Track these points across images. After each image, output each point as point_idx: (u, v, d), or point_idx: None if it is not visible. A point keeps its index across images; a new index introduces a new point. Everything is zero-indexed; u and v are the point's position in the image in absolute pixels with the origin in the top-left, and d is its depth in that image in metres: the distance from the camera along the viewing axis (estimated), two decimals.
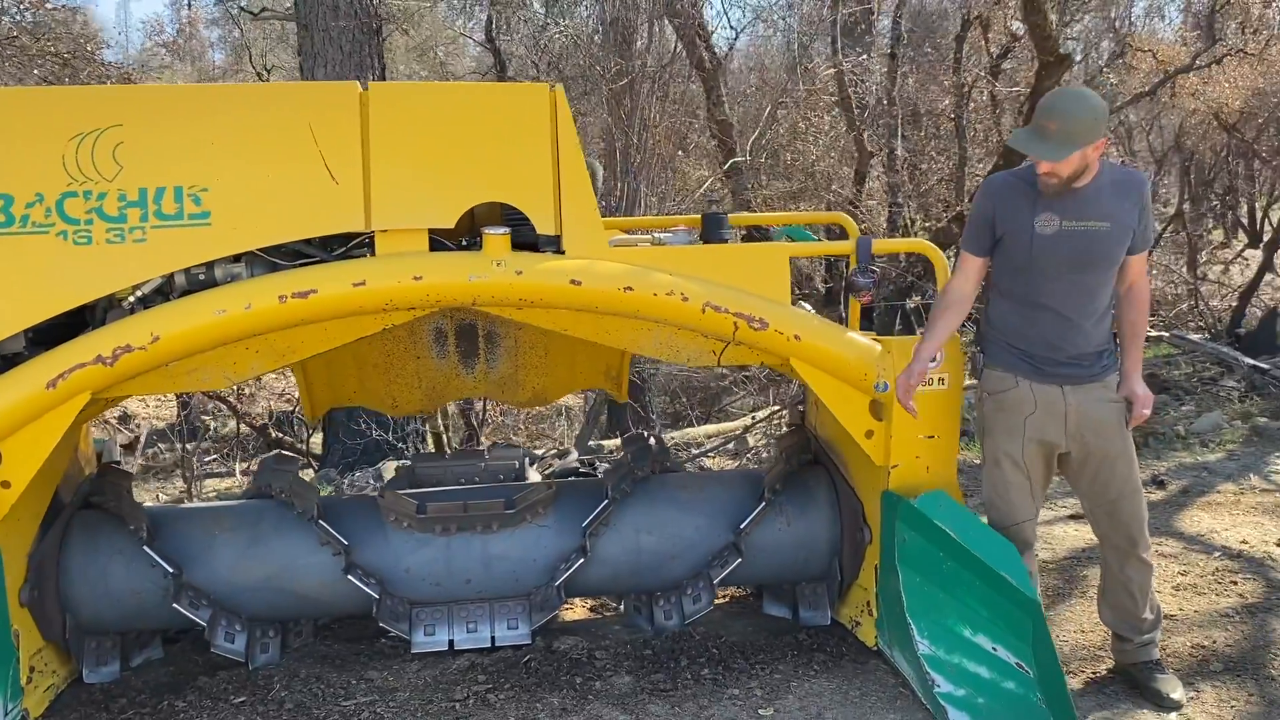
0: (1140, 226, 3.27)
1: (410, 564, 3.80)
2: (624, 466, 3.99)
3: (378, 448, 8.32)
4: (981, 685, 3.25)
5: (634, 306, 3.39)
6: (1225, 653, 3.68)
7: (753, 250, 3.55)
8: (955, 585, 3.35)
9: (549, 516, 3.89)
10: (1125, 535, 3.39)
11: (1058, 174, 3.13)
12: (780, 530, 3.92)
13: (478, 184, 3.39)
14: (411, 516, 3.78)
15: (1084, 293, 3.26)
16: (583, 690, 3.55)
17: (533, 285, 3.34)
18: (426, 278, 3.30)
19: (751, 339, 3.44)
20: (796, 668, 3.67)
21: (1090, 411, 3.31)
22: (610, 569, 3.88)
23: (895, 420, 3.52)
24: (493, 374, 4.90)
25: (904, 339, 3.55)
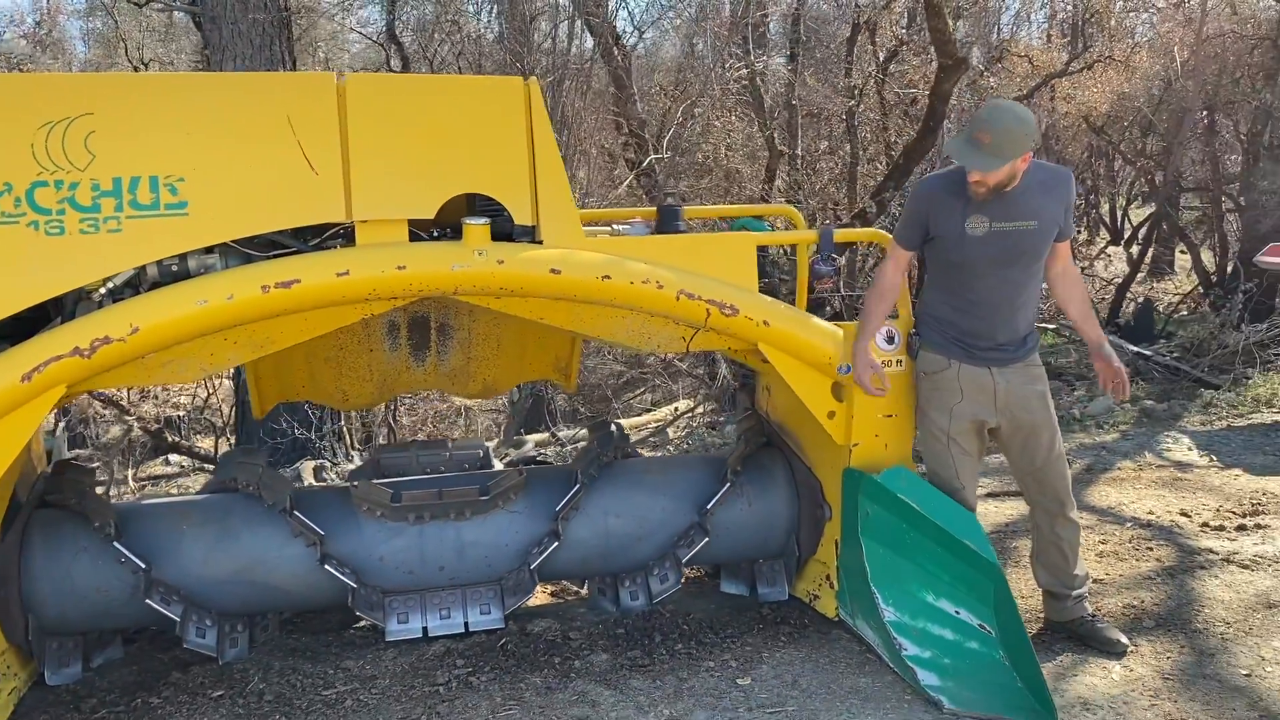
0: (1065, 218, 3.55)
1: (384, 553, 3.82)
2: (591, 452, 4.09)
3: (296, 447, 8.20)
4: (947, 647, 3.46)
5: (611, 294, 3.50)
6: (1154, 611, 3.99)
7: (722, 240, 3.69)
8: (918, 554, 3.56)
9: (520, 502, 3.96)
10: (1054, 497, 3.68)
11: (986, 183, 3.37)
12: (742, 510, 4.08)
13: (456, 175, 3.44)
14: (385, 505, 3.80)
15: (1012, 286, 3.53)
16: (563, 669, 3.64)
17: (514, 274, 3.41)
18: (410, 267, 3.34)
19: (722, 325, 3.58)
20: (765, 639, 3.83)
21: (1017, 389, 3.58)
22: (581, 552, 3.97)
23: (856, 401, 3.72)
24: (443, 366, 4.93)
25: None
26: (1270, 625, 3.81)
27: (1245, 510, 5.26)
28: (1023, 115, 3.35)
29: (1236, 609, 3.97)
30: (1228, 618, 3.89)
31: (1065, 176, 3.58)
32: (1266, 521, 5.04)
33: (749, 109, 10.28)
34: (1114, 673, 3.49)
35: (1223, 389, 8.51)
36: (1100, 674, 3.49)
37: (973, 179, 3.36)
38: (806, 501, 4.07)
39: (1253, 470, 6.12)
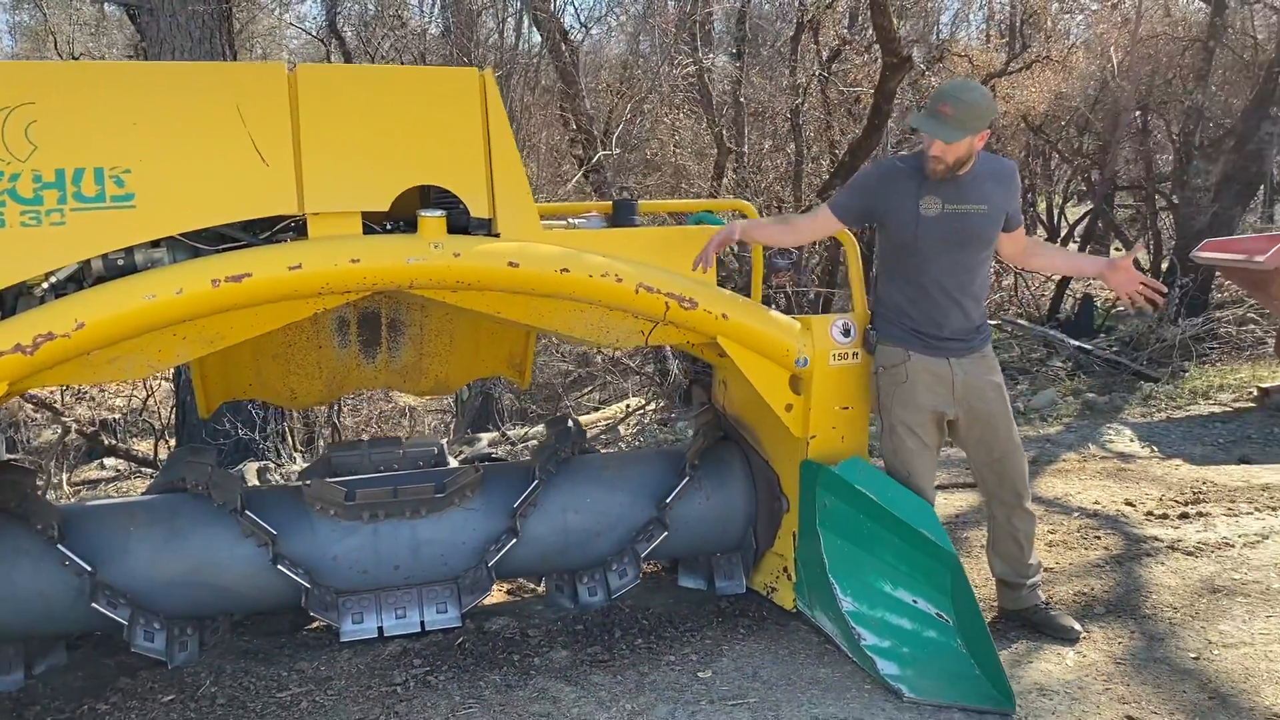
0: (1013, 208, 3.64)
1: (337, 552, 3.76)
2: (549, 448, 4.06)
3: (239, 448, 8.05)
4: (905, 636, 3.49)
5: (570, 288, 3.47)
6: (1104, 598, 4.06)
7: (681, 233, 3.68)
8: (875, 544, 3.59)
9: (477, 500, 3.92)
10: (1011, 489, 3.72)
11: (945, 159, 3.42)
12: (700, 504, 4.08)
13: (411, 167, 3.39)
14: (339, 504, 3.74)
15: (963, 270, 3.58)
16: (522, 666, 3.60)
17: (470, 267, 3.37)
18: (364, 260, 3.28)
19: (681, 318, 3.58)
20: (725, 632, 3.83)
21: (974, 380, 3.63)
22: (539, 549, 3.94)
23: (814, 394, 3.73)
24: (395, 363, 4.87)
25: (822, 317, 3.77)
26: (1215, 610, 3.89)
27: (1187, 499, 5.38)
28: (984, 92, 3.45)
29: (1183, 594, 4.06)
30: (1175, 603, 3.97)
31: (1012, 168, 3.68)
32: (1207, 510, 5.15)
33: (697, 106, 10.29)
34: (1068, 659, 3.54)
35: (1161, 382, 8.71)
36: (1055, 660, 3.54)
37: (934, 153, 3.41)
38: (764, 494, 4.08)
39: (1192, 460, 6.27)
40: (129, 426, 12.83)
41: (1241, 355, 9.68)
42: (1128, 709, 3.17)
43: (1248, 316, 10.16)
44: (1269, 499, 5.26)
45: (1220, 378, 8.67)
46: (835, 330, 3.74)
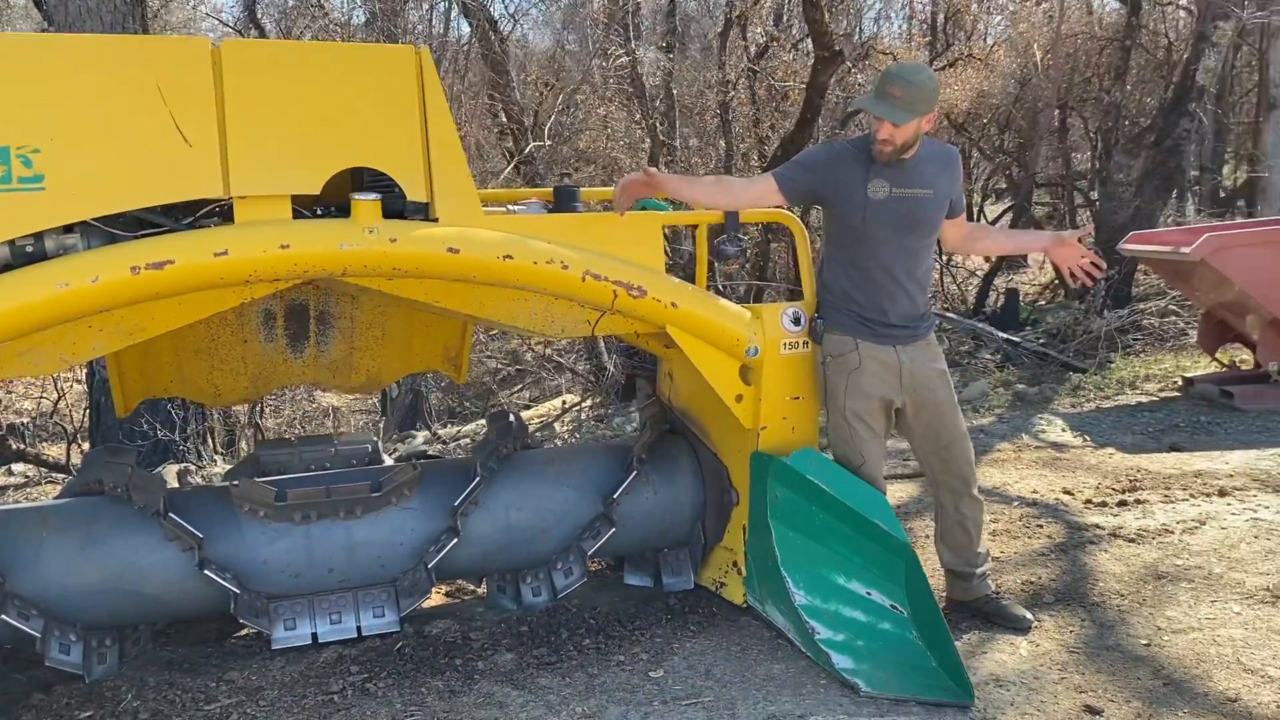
0: (956, 194, 3.63)
1: (268, 555, 3.57)
2: (490, 443, 3.92)
3: (158, 450, 7.73)
4: (859, 629, 3.42)
5: (513, 275, 3.33)
6: (1052, 586, 4.05)
7: (627, 218, 3.56)
8: (828, 536, 3.51)
9: (415, 498, 3.76)
10: (959, 476, 3.69)
11: (894, 141, 3.38)
12: (648, 499, 3.97)
13: (343, 148, 3.23)
14: (269, 505, 3.55)
15: (910, 255, 3.55)
16: (466, 671, 3.46)
17: (407, 254, 3.21)
18: (295, 246, 3.10)
19: (630, 307, 3.46)
20: (674, 630, 3.73)
21: (920, 368, 3.59)
22: (481, 548, 3.80)
23: (765, 384, 3.65)
24: (324, 358, 4.67)
25: (772, 305, 3.69)
26: (1162, 596, 3.90)
27: (1124, 487, 5.42)
28: (931, 74, 3.43)
29: (1128, 581, 4.06)
30: (1121, 590, 3.97)
31: (955, 154, 3.67)
32: (1144, 497, 5.20)
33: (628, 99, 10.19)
34: (1021, 649, 3.51)
35: (1089, 373, 8.84)
36: (1008, 650, 3.50)
37: (882, 135, 3.36)
38: (712, 488, 3.99)
39: (1125, 449, 6.34)
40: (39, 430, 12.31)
41: (1164, 346, 9.87)
42: (1085, 698, 3.14)
43: (1169, 309, 10.37)
44: (1203, 485, 5.32)
45: (1145, 368, 8.82)
46: (786, 319, 3.66)
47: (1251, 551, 4.29)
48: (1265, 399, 7.13)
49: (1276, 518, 4.72)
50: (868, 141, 3.49)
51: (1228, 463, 5.77)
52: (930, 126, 3.41)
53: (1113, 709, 3.06)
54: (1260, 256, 6.90)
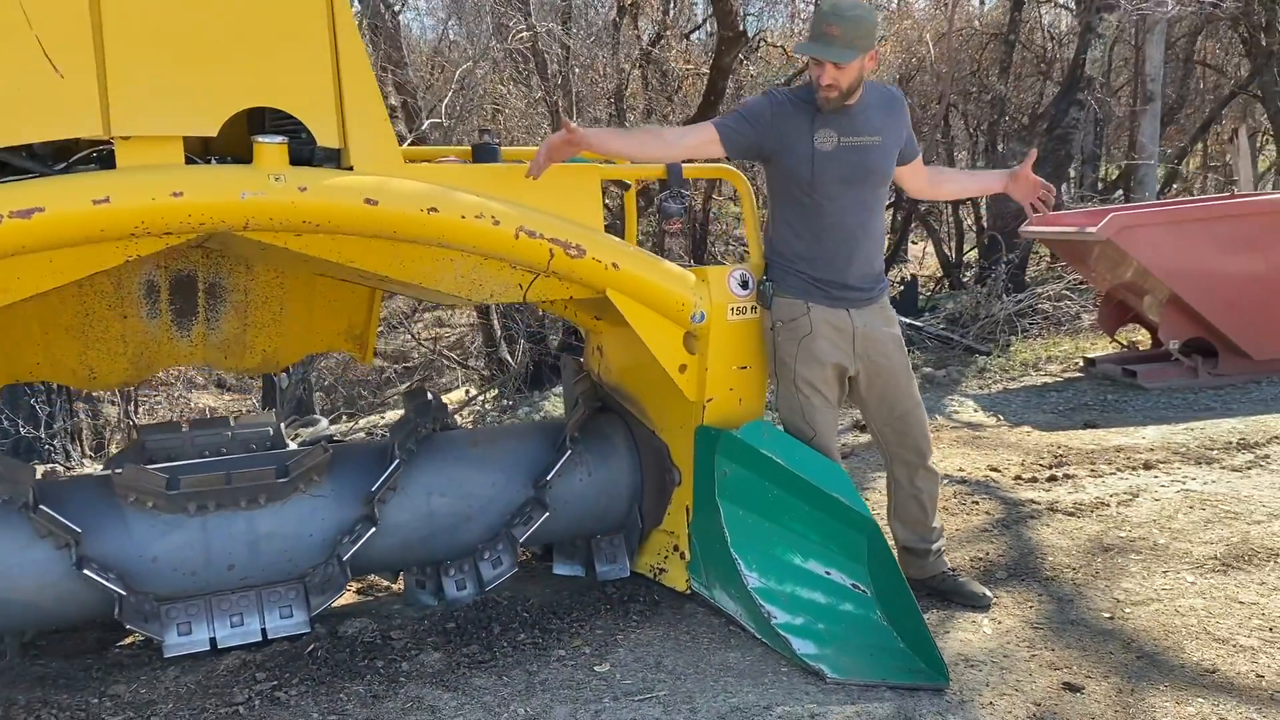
0: (906, 135, 3.45)
1: (158, 552, 3.14)
2: (409, 424, 3.56)
3: (20, 449, 7.07)
4: (819, 611, 3.20)
5: (438, 231, 2.99)
6: (1001, 562, 3.91)
7: (564, 171, 3.25)
8: (782, 513, 3.28)
9: (326, 484, 3.38)
10: (914, 448, 3.51)
11: (839, 84, 3.18)
12: (581, 481, 3.67)
13: (244, 85, 2.84)
14: (159, 494, 3.12)
15: (863, 208, 3.35)
16: (389, 674, 3.10)
17: (319, 205, 2.84)
18: (188, 195, 2.70)
19: (567, 269, 3.15)
20: (616, 620, 3.45)
21: (873, 332, 3.40)
22: (400, 538, 3.44)
23: (711, 352, 3.39)
24: (214, 336, 4.22)
25: (719, 267, 3.43)
26: (1113, 568, 3.79)
27: (1049, 463, 5.36)
28: (867, 8, 3.21)
29: (1076, 554, 3.94)
30: (1072, 564, 3.85)
31: (899, 95, 3.49)
32: (1072, 471, 5.14)
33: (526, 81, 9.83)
34: (984, 627, 3.34)
35: (992, 355, 8.88)
36: (971, 629, 3.32)
37: (825, 81, 3.15)
38: (651, 467, 3.71)
39: (1040, 427, 6.31)
40: None
41: (1060, 330, 10.02)
42: (1061, 674, 2.97)
43: (1063, 293, 10.54)
44: (1126, 459, 5.29)
45: (1045, 350, 8.91)
46: (733, 282, 3.40)
47: (1190, 522, 4.23)
48: (1167, 376, 7.22)
49: (1206, 488, 4.69)
50: (810, 91, 3.27)
51: (1144, 437, 5.77)
52: (873, 65, 3.21)
53: (1092, 685, 2.90)
54: (1163, 236, 6.98)
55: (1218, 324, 7.01)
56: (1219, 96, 16.57)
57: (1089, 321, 10.34)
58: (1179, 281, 6.93)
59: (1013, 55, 14.26)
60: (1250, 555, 3.82)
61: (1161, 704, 2.78)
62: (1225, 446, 5.43)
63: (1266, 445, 5.41)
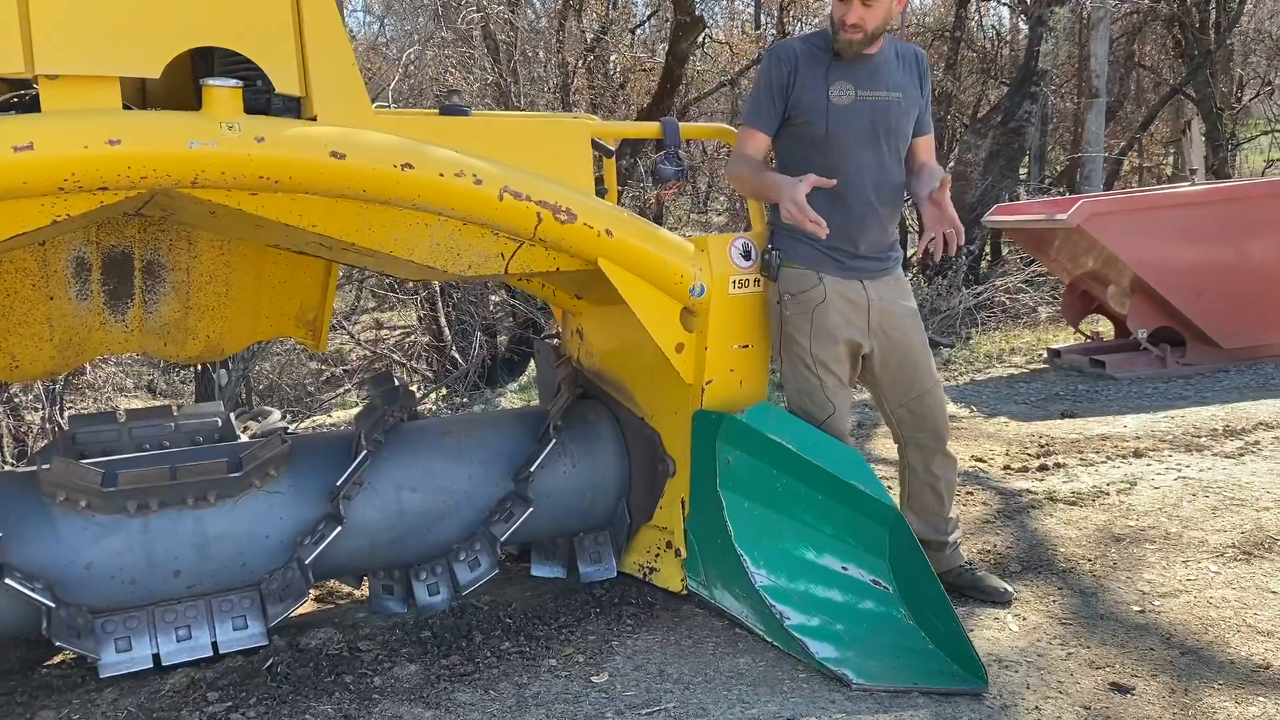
0: (924, 100, 3.18)
1: (92, 557, 2.76)
2: (375, 412, 3.21)
3: None
4: (837, 610, 2.92)
5: (413, 191, 2.65)
6: (1012, 554, 3.67)
7: (552, 125, 2.94)
8: (792, 504, 3.00)
9: (284, 479, 3.02)
10: (932, 430, 3.26)
11: (864, 26, 2.93)
12: (566, 473, 3.35)
13: (191, 22, 2.48)
14: (94, 492, 2.74)
15: (881, 171, 3.10)
16: (360, 690, 2.75)
17: (279, 158, 2.49)
18: (127, 143, 2.33)
19: (556, 236, 2.83)
20: (609, 625, 3.13)
21: (890, 305, 3.16)
22: (368, 538, 3.09)
23: (711, 330, 3.09)
24: (152, 320, 3.81)
25: (720, 236, 3.14)
26: (1130, 559, 3.57)
27: (1036, 452, 5.17)
28: None
29: (1088, 545, 3.73)
30: (1086, 555, 3.63)
31: (919, 52, 3.22)
32: (1061, 460, 4.95)
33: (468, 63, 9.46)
34: (1009, 624, 3.09)
35: (955, 348, 8.73)
36: (996, 626, 3.07)
37: (851, 20, 2.90)
38: (641, 458, 3.41)
39: (1017, 417, 6.13)
40: None
41: (1019, 322, 9.94)
42: (1105, 674, 2.73)
43: (1020, 286, 10.47)
44: (1114, 448, 5.12)
45: (1007, 342, 8.80)
46: (735, 252, 3.11)
47: (1197, 510, 4.04)
48: (1135, 366, 7.12)
49: (1203, 475, 4.52)
50: (825, 37, 3.01)
51: (1126, 426, 5.62)
52: (901, 7, 2.95)
53: (1141, 685, 2.66)
54: (1133, 223, 6.87)
55: (1187, 312, 6.92)
56: (1157, 96, 16.78)
57: (1046, 314, 10.28)
58: (1148, 270, 6.82)
59: (958, 52, 14.26)
60: (1269, 543, 3.63)
61: (1220, 704, 2.55)
62: (1212, 434, 5.29)
63: (1253, 432, 5.29)
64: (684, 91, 12.99)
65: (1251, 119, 18.75)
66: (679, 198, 17.28)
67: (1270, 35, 17.44)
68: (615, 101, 13.30)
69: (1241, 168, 18.32)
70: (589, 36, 13.28)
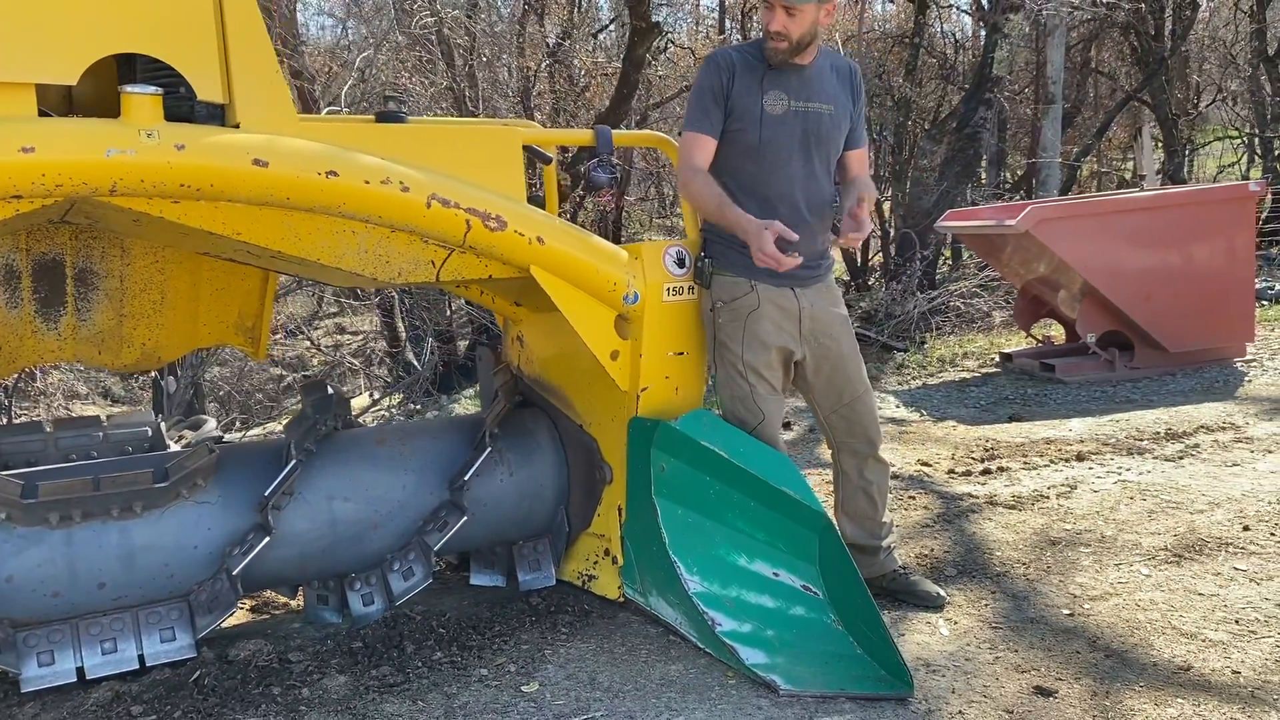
0: (857, 113, 3.22)
1: (13, 570, 2.72)
2: (306, 420, 3.18)
3: None
4: (767, 616, 2.93)
5: (338, 198, 2.63)
6: (948, 558, 3.70)
7: (481, 133, 2.94)
8: (725, 511, 3.01)
9: (212, 489, 2.99)
10: (864, 436, 3.28)
11: (790, 34, 2.97)
12: (503, 481, 3.34)
13: (110, 28, 2.46)
14: (13, 504, 2.70)
15: (812, 180, 3.13)
16: (288, 701, 2.73)
17: (199, 166, 2.47)
18: (41, 151, 2.31)
19: (486, 243, 2.83)
20: (543, 634, 3.12)
21: (821, 312, 3.18)
22: (298, 548, 3.07)
23: (646, 337, 3.10)
24: (86, 328, 3.76)
25: (654, 244, 3.15)
26: (1064, 562, 3.61)
27: (980, 456, 5.21)
28: None
29: (1024, 549, 3.76)
30: (1021, 558, 3.66)
31: (854, 67, 3.26)
32: (1005, 465, 4.99)
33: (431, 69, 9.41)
34: (941, 628, 3.11)
35: (909, 352, 8.80)
36: (927, 631, 3.09)
37: (774, 27, 2.93)
38: (579, 465, 3.41)
39: (965, 421, 6.19)
40: None
41: (973, 327, 10.01)
42: (1029, 678, 2.76)
43: (974, 291, 10.56)
44: (1058, 451, 5.17)
45: (960, 346, 8.87)
46: (669, 260, 3.12)
47: (1133, 513, 4.09)
48: (1084, 370, 7.21)
49: (1142, 478, 4.58)
50: (759, 47, 3.03)
51: (1071, 429, 5.68)
52: (829, 20, 2.98)
53: (1064, 688, 2.68)
54: (1081, 229, 6.95)
55: (1134, 317, 7.00)
56: (1114, 101, 16.99)
57: (1000, 319, 10.37)
58: (1096, 275, 6.90)
59: (917, 58, 14.37)
60: (1200, 545, 3.68)
61: (1140, 706, 2.58)
62: (1154, 437, 5.36)
63: (1194, 435, 5.36)
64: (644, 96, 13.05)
65: (1209, 125, 19.05)
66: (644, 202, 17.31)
67: (1224, 43, 17.72)
68: (577, 105, 13.29)
69: (1198, 173, 18.63)
70: (551, 41, 13.28)
